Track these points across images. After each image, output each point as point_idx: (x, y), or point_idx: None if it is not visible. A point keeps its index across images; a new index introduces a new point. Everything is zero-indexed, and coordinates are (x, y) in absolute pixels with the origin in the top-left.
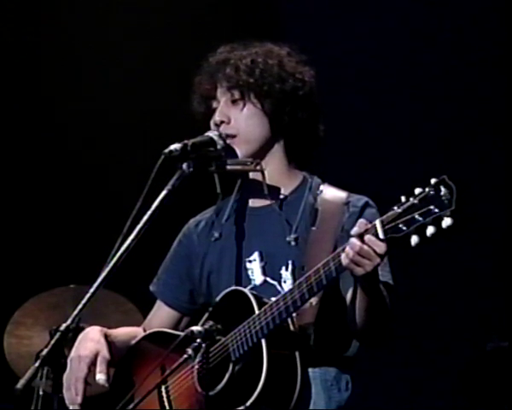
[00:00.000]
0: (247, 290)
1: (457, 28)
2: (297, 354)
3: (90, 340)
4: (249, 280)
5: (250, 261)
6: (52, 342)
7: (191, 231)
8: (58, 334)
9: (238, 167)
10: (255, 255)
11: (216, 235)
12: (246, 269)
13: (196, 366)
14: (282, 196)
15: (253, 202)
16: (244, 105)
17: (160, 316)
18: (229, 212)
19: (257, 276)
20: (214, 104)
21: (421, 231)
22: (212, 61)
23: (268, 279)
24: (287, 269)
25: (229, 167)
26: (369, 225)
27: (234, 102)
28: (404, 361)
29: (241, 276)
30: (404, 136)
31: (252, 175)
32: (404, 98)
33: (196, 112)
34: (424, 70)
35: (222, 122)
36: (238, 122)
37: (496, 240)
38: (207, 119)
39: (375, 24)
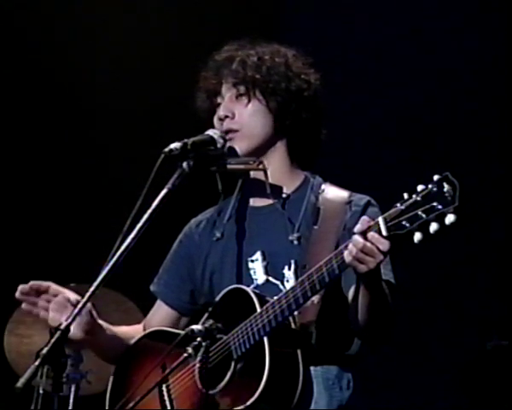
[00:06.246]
0: (248, 288)
1: (458, 27)
2: (299, 352)
3: None
4: (251, 280)
5: (252, 261)
6: (52, 340)
7: (192, 231)
8: (58, 333)
9: (241, 166)
10: (257, 255)
11: (218, 235)
12: (248, 269)
13: (197, 365)
14: (284, 196)
15: (255, 202)
16: (249, 101)
17: (160, 316)
18: (231, 211)
19: (259, 275)
20: (219, 100)
21: (424, 228)
22: (218, 57)
23: (270, 279)
24: (289, 268)
25: (231, 166)
26: (372, 223)
27: (239, 98)
28: (405, 360)
29: (244, 275)
30: (405, 134)
31: (253, 174)
32: (405, 97)
33: (200, 108)
34: (424, 70)
35: (226, 117)
36: (242, 117)
37: (496, 239)
38: (211, 115)
39: (374, 24)
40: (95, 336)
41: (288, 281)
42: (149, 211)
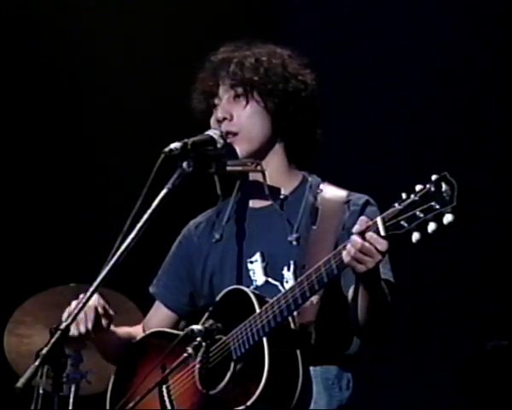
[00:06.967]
0: (247, 289)
1: (458, 27)
2: (298, 352)
3: None
4: (251, 281)
5: (252, 262)
6: (52, 340)
7: (191, 233)
8: (58, 333)
9: (239, 168)
10: (257, 256)
11: (217, 236)
12: (247, 270)
13: (197, 365)
14: (282, 196)
15: (254, 203)
16: (247, 103)
17: (159, 317)
18: (230, 213)
19: (258, 276)
20: (215, 101)
21: (422, 228)
22: (215, 58)
23: (270, 280)
24: (289, 269)
25: (229, 168)
26: (371, 223)
27: (236, 99)
28: (405, 360)
29: (243, 277)
30: (405, 134)
31: (251, 176)
32: (405, 97)
33: (196, 109)
34: (424, 69)
35: (224, 119)
36: (240, 119)
37: (496, 239)
38: (207, 116)
39: (374, 24)
40: (98, 334)
41: (287, 282)
42: (149, 211)
